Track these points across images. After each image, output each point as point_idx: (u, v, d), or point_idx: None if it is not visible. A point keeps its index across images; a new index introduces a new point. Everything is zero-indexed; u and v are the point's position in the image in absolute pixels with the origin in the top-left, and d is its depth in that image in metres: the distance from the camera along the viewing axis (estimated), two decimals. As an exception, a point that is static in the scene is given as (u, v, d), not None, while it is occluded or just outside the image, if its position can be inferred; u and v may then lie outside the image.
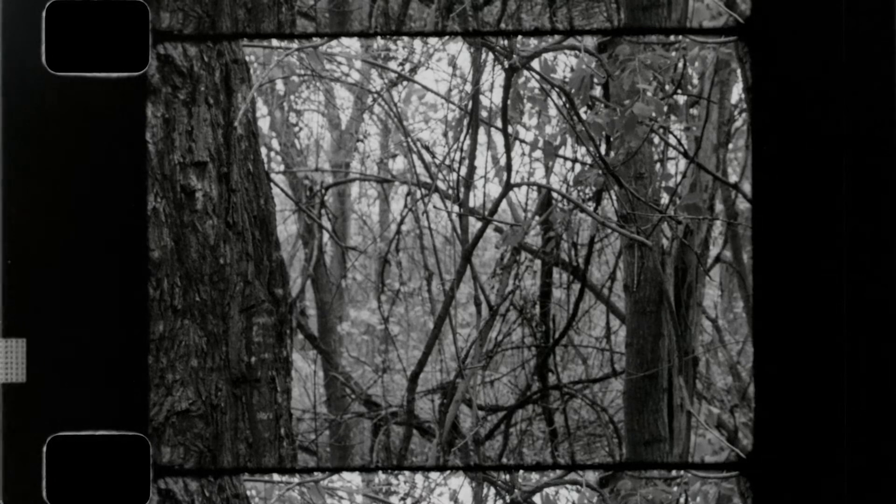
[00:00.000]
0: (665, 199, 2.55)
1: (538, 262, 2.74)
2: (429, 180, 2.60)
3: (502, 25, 2.53)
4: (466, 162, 2.55)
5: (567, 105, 2.47)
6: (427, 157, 2.62)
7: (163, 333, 2.02)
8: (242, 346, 2.12)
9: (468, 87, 2.56)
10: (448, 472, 2.31)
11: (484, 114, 2.56)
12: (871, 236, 1.63)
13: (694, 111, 2.54)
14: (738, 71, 2.49)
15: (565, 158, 2.57)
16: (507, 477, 2.27)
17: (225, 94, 2.10)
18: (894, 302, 1.62)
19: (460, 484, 2.30)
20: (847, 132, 1.63)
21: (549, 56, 2.45)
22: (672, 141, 2.55)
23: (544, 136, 2.55)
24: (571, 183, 2.60)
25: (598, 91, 2.51)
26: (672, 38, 2.45)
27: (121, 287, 1.63)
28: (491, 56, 2.49)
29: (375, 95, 2.67)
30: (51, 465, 1.60)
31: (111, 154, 1.63)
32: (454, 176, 2.58)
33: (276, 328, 2.17)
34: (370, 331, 2.90)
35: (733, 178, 2.64)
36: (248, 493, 2.09)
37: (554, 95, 2.50)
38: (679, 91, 2.49)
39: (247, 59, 2.17)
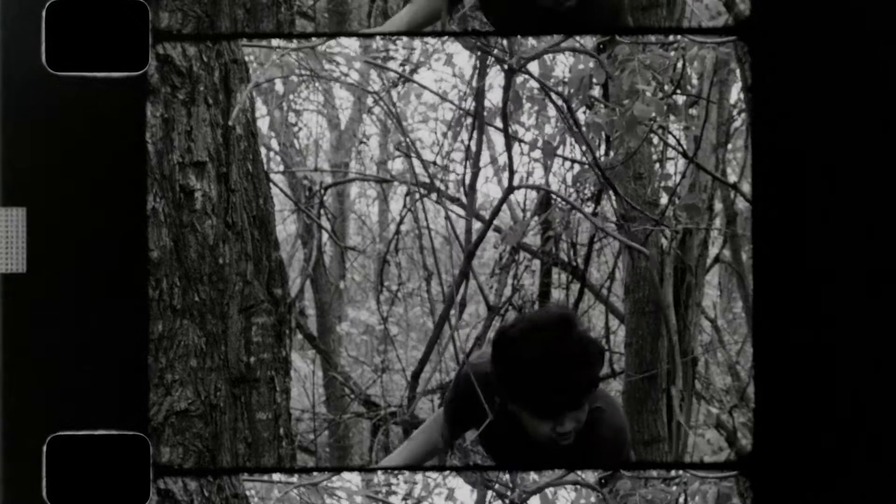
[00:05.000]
0: (664, 199, 2.55)
1: (537, 262, 2.73)
2: (428, 180, 2.60)
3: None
4: (469, 163, 2.55)
5: (565, 109, 2.47)
6: (426, 157, 2.62)
7: (162, 333, 2.02)
8: (241, 346, 2.12)
9: (467, 88, 2.56)
10: (447, 472, 2.31)
11: (483, 114, 2.56)
12: (870, 236, 1.63)
13: (693, 111, 2.54)
14: (738, 71, 2.49)
15: (564, 158, 2.57)
16: (507, 477, 2.27)
17: (224, 94, 2.10)
18: (893, 301, 1.62)
19: (459, 484, 2.29)
20: (846, 132, 1.63)
21: (548, 56, 2.45)
22: (671, 141, 2.55)
23: (544, 136, 2.55)
24: (570, 183, 2.60)
25: (597, 91, 2.51)
26: (671, 38, 2.45)
27: (120, 287, 1.63)
28: (490, 57, 2.49)
29: (375, 97, 2.67)
30: (51, 465, 1.60)
31: (111, 154, 1.63)
32: (453, 176, 2.59)
33: (275, 328, 2.17)
34: (369, 331, 2.90)
35: (732, 178, 2.64)
36: (248, 492, 2.09)
37: (554, 97, 2.50)
38: (678, 91, 2.49)
39: (246, 59, 2.17)
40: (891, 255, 1.62)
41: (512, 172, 2.48)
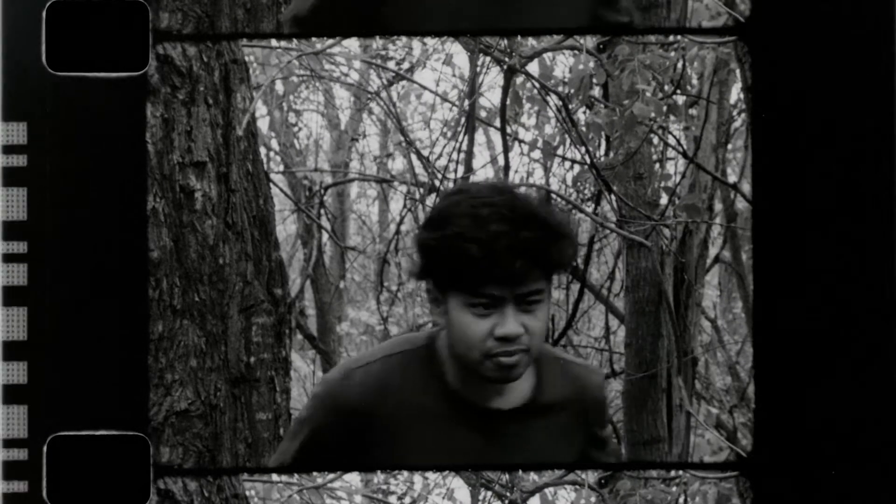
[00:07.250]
0: (664, 199, 2.55)
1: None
2: (427, 180, 2.60)
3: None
4: (459, 164, 2.55)
5: (563, 110, 2.47)
6: (426, 156, 2.62)
7: (162, 333, 2.02)
8: (241, 346, 2.12)
9: (466, 88, 2.56)
10: (446, 472, 2.31)
11: (483, 114, 2.56)
12: (870, 236, 1.63)
13: (693, 111, 2.54)
14: (738, 71, 2.49)
15: (564, 158, 2.57)
16: (507, 477, 2.27)
17: (224, 94, 2.10)
18: (893, 301, 1.62)
19: (459, 484, 2.29)
20: (846, 132, 1.63)
21: (548, 56, 2.45)
22: (671, 141, 2.55)
23: (543, 137, 2.55)
24: (570, 183, 2.60)
25: (597, 91, 2.51)
26: (671, 38, 2.45)
27: (120, 287, 1.63)
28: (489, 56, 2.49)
29: (373, 95, 2.67)
30: (51, 465, 1.60)
31: (111, 154, 1.63)
32: (451, 176, 2.59)
33: (275, 328, 2.17)
34: (369, 331, 2.90)
35: (732, 178, 2.64)
36: (247, 493, 2.09)
37: (553, 97, 2.50)
38: (678, 91, 2.49)
39: (246, 59, 2.17)
40: (891, 255, 1.62)
41: (507, 170, 2.48)
